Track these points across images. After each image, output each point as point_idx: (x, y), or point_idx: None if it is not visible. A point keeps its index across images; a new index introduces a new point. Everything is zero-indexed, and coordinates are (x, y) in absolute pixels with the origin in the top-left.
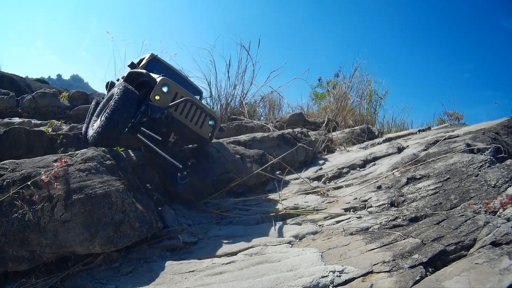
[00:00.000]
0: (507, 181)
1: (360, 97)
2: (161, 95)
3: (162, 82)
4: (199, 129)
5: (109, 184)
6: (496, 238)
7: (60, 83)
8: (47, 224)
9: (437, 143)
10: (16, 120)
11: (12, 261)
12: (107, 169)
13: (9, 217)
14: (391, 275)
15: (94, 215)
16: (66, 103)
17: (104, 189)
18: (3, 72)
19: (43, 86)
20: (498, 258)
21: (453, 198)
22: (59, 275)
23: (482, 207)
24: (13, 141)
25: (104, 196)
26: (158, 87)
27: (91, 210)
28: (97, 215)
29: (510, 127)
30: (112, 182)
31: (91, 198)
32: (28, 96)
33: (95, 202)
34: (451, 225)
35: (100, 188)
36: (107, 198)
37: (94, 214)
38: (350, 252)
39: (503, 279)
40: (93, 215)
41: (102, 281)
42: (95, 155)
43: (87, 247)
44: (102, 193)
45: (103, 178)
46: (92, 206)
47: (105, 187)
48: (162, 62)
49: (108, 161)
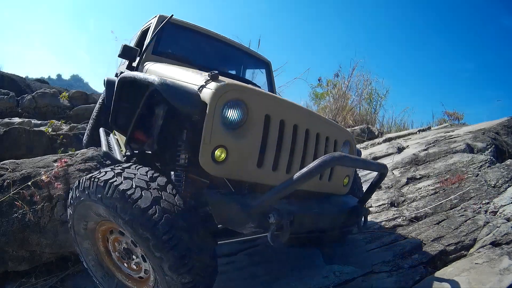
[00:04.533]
0: (507, 181)
1: (360, 96)
2: (229, 145)
3: (222, 102)
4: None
5: None
6: (496, 238)
7: (60, 83)
8: (47, 224)
9: (437, 143)
10: (16, 120)
11: (12, 261)
12: None
13: (9, 217)
14: (391, 275)
15: None
16: (66, 103)
17: None
18: (3, 72)
19: (43, 86)
20: (498, 258)
21: (453, 198)
22: (59, 275)
23: (482, 207)
24: (13, 141)
25: None
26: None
27: None
28: None
29: (510, 127)
30: None
31: None
32: (28, 96)
33: None
34: (451, 225)
35: None
36: None
37: None
38: (350, 252)
39: (503, 279)
40: None
41: None
42: (95, 155)
43: None
44: None
45: None
46: None
47: None
48: (185, 28)
49: (108, 161)
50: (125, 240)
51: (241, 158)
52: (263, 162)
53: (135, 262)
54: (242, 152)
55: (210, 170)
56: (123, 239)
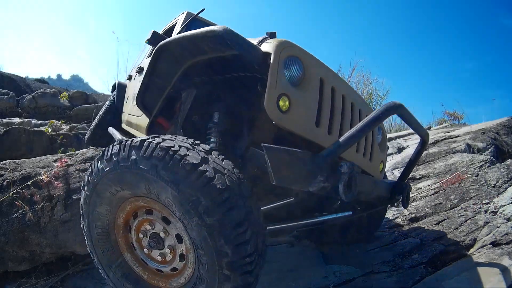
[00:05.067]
0: (507, 181)
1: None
2: (292, 95)
3: (284, 54)
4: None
5: None
6: (496, 238)
7: (60, 83)
8: (47, 224)
9: (437, 143)
10: (16, 120)
11: (12, 261)
12: None
13: (9, 217)
14: (391, 275)
15: None
16: (66, 103)
17: None
18: (3, 72)
19: (43, 86)
20: (498, 258)
21: (453, 198)
22: (59, 275)
23: (482, 207)
24: (13, 141)
25: None
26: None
27: None
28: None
29: (510, 127)
30: None
31: None
32: (28, 96)
33: None
34: (451, 225)
35: None
36: None
37: None
38: (350, 252)
39: (503, 279)
40: None
41: (102, 281)
42: (95, 155)
43: (87, 247)
44: None
45: None
46: None
47: None
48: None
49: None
50: (154, 218)
51: (302, 112)
52: (320, 123)
53: (168, 245)
54: (302, 106)
55: (275, 117)
56: (152, 218)
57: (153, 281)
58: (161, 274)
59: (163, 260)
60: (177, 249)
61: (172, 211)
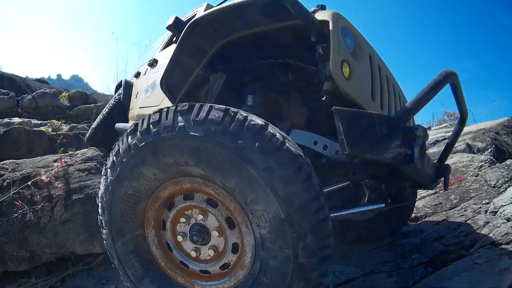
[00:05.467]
0: (507, 181)
1: None
2: (351, 63)
3: (340, 24)
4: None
5: None
6: (496, 238)
7: (60, 83)
8: (47, 224)
9: (437, 143)
10: (16, 120)
11: (12, 261)
12: None
13: (9, 217)
14: (391, 275)
15: (94, 215)
16: (66, 103)
17: None
18: (3, 72)
19: (43, 86)
20: (498, 258)
21: (453, 198)
22: (59, 275)
23: (482, 207)
24: (13, 141)
25: None
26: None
27: (91, 210)
28: (97, 215)
29: (510, 127)
30: None
31: (91, 198)
32: (28, 96)
33: (95, 202)
34: (451, 225)
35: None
36: None
37: (94, 214)
38: (350, 252)
39: (503, 279)
40: (93, 215)
41: (102, 281)
42: (95, 155)
43: (87, 247)
44: None
45: None
46: (92, 206)
47: None
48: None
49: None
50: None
51: (360, 82)
52: (374, 96)
53: (212, 245)
54: (360, 76)
55: (341, 82)
56: (194, 204)
57: (170, 272)
58: (186, 269)
59: (197, 257)
60: (228, 240)
61: (225, 187)
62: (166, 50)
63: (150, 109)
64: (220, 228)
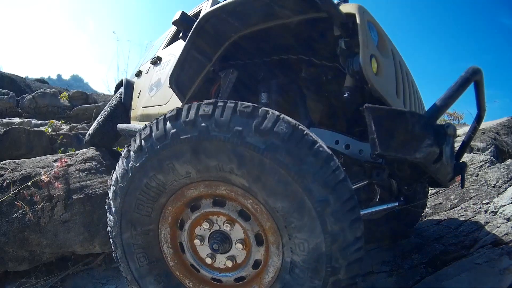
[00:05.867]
0: (507, 181)
1: None
2: (379, 58)
3: (366, 17)
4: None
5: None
6: (496, 238)
7: (60, 83)
8: (47, 224)
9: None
10: (16, 120)
11: (12, 261)
12: (107, 169)
13: (9, 217)
14: (391, 275)
15: (94, 215)
16: (66, 103)
17: (104, 189)
18: (3, 72)
19: (43, 86)
20: (498, 258)
21: (453, 198)
22: (59, 275)
23: (482, 207)
24: (13, 141)
25: (104, 196)
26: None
27: (91, 210)
28: (97, 215)
29: (510, 127)
30: None
31: (91, 198)
32: (28, 96)
33: (95, 202)
34: (451, 225)
35: (100, 188)
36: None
37: (94, 214)
38: None
39: (503, 279)
40: (93, 215)
41: (102, 281)
42: (95, 155)
43: (87, 247)
44: (102, 193)
45: (103, 178)
46: (92, 206)
47: (105, 187)
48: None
49: (108, 161)
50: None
51: (386, 77)
52: (398, 93)
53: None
54: (386, 71)
55: (370, 76)
56: (223, 211)
57: (178, 273)
58: (197, 274)
59: (211, 264)
60: (251, 255)
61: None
62: (171, 47)
63: (156, 108)
64: (246, 241)
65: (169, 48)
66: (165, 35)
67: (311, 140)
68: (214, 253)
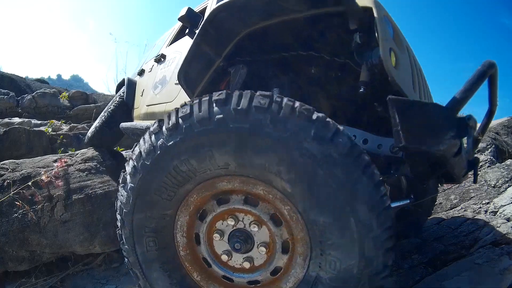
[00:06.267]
0: (507, 181)
1: None
2: (397, 52)
3: (382, 11)
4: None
5: (109, 184)
6: (496, 238)
7: (60, 83)
8: (47, 224)
9: None
10: (16, 120)
11: (12, 261)
12: (107, 169)
13: (9, 217)
14: (391, 275)
15: (94, 215)
16: (66, 103)
17: (104, 189)
18: (3, 72)
19: (43, 86)
20: (498, 258)
21: (453, 198)
22: (59, 275)
23: (482, 207)
24: (13, 141)
25: (104, 196)
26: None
27: (91, 210)
28: (97, 215)
29: (510, 127)
30: (112, 182)
31: (91, 198)
32: (28, 96)
33: (95, 202)
34: (451, 225)
35: (100, 188)
36: (107, 198)
37: (94, 214)
38: None
39: (503, 279)
40: (93, 215)
41: (102, 281)
42: (95, 155)
43: (87, 247)
44: (102, 193)
45: (103, 178)
46: (92, 206)
47: (105, 187)
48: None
49: (108, 161)
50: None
51: (404, 71)
52: (415, 88)
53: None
54: (404, 65)
55: (390, 69)
56: (253, 211)
57: (187, 264)
58: (207, 269)
59: (226, 261)
60: (273, 261)
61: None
62: (176, 44)
63: (161, 106)
64: (270, 246)
65: (174, 46)
66: (168, 33)
67: (366, 160)
68: (232, 251)
